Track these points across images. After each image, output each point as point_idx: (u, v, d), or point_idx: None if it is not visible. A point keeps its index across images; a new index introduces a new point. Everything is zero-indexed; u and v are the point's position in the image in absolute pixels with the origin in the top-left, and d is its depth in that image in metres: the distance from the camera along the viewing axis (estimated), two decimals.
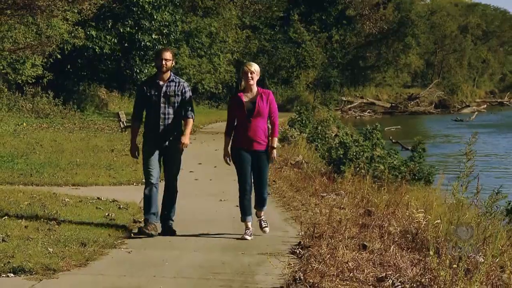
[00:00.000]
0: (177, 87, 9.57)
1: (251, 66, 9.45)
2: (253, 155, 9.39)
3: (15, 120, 24.36)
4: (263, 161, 9.45)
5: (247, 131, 9.33)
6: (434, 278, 7.03)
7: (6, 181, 13.52)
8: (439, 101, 76.66)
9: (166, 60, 9.48)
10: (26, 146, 18.62)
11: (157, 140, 9.57)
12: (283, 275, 7.55)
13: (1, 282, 7.16)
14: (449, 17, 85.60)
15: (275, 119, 9.56)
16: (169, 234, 9.54)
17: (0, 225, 9.54)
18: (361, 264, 7.74)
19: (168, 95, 9.50)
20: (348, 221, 10.02)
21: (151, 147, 9.59)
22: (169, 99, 9.51)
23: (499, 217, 10.01)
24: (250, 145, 9.36)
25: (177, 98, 9.54)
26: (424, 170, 18.45)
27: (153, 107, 9.55)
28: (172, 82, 9.59)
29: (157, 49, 9.48)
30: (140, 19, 30.15)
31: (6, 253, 7.97)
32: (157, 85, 9.57)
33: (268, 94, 9.50)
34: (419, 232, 9.33)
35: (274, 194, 13.29)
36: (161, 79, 9.58)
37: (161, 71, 9.53)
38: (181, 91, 9.57)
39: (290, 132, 26.16)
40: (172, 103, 9.52)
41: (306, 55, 52.63)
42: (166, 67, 9.50)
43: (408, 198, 12.16)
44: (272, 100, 9.53)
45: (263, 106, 9.35)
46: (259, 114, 9.34)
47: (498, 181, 15.98)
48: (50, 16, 22.63)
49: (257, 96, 9.39)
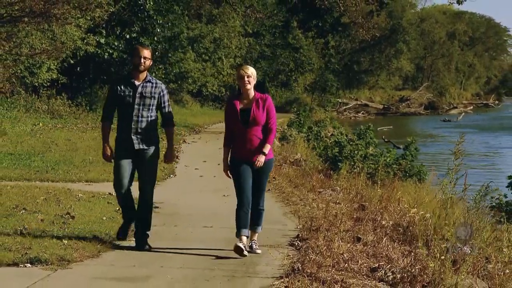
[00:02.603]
0: (154, 88, 8.24)
1: (247, 69, 8.13)
2: (251, 165, 8.10)
3: (32, 121, 24.34)
4: (262, 172, 8.17)
5: (245, 142, 8.04)
6: (424, 268, 7.03)
7: (24, 177, 13.52)
8: (429, 102, 76.63)
9: (144, 58, 8.19)
10: (42, 145, 18.60)
11: (128, 145, 8.17)
12: (282, 265, 7.56)
13: (20, 272, 7.17)
14: (437, 24, 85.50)
15: (273, 125, 8.15)
16: (143, 248, 8.21)
17: (18, 218, 9.55)
18: (356, 256, 7.74)
19: (144, 96, 8.17)
20: (344, 215, 10.02)
21: (121, 154, 8.23)
22: (145, 100, 8.17)
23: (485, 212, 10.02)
24: (249, 156, 8.06)
25: (153, 100, 8.22)
26: (415, 168, 18.45)
27: (125, 109, 8.19)
28: (149, 82, 8.25)
29: (135, 46, 8.86)
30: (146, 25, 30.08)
31: (24, 245, 7.98)
32: (132, 84, 8.21)
33: (266, 100, 8.11)
34: (410, 226, 9.34)
35: (274, 190, 13.29)
36: (136, 79, 8.24)
37: (138, 70, 8.21)
38: (159, 93, 8.27)
39: (289, 131, 26.16)
40: (148, 105, 8.19)
41: (304, 59, 52.62)
42: (144, 66, 8.19)
43: (400, 194, 12.15)
44: (270, 106, 8.13)
45: (259, 113, 8.01)
46: (255, 122, 8.01)
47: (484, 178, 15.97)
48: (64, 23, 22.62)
49: (253, 102, 8.07)
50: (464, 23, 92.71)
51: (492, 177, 16.70)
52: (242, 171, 8.11)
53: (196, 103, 44.17)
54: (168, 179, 14.60)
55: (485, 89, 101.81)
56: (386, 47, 71.07)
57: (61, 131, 22.92)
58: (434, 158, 30.13)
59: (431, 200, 11.84)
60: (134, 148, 8.16)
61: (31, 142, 19.14)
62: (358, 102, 68.10)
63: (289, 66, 52.57)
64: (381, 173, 15.16)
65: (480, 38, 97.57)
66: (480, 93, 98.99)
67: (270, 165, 8.36)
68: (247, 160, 8.09)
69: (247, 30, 46.53)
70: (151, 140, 8.24)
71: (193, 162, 17.21)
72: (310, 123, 29.32)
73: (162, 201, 11.52)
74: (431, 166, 20.12)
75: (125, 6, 28.95)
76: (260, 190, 8.29)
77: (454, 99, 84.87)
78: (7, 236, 8.50)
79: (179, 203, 11.66)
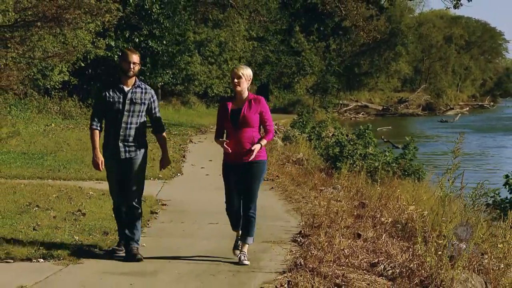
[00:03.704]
0: (144, 94, 7.60)
1: (239, 70, 7.45)
2: (243, 167, 7.42)
3: (44, 121, 24.39)
4: (253, 174, 7.42)
5: (235, 144, 7.38)
6: (422, 263, 7.03)
7: (37, 176, 13.55)
8: (426, 104, 76.56)
9: (134, 63, 7.56)
10: (54, 144, 18.64)
11: (118, 153, 7.57)
12: (285, 260, 7.57)
13: (33, 267, 7.19)
14: (435, 28, 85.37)
15: (270, 127, 7.53)
16: (133, 259, 7.49)
17: (32, 215, 9.57)
18: (356, 251, 7.75)
19: (133, 102, 7.52)
20: (344, 212, 10.02)
21: (112, 160, 7.63)
22: (134, 107, 7.53)
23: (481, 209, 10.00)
24: (240, 157, 7.38)
25: (143, 106, 7.59)
26: (413, 167, 18.42)
27: (114, 115, 7.54)
28: (138, 88, 7.61)
29: (123, 50, 7.99)
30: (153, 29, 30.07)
31: (37, 241, 8.00)
32: (121, 90, 7.56)
33: (259, 101, 7.45)
34: (408, 222, 9.33)
35: (277, 187, 13.30)
36: (125, 84, 7.60)
37: (127, 75, 7.57)
38: (149, 99, 7.63)
39: (292, 132, 26.16)
40: (137, 111, 7.55)
41: (306, 62, 52.69)
42: (133, 71, 7.56)
43: (399, 192, 12.15)
44: (264, 107, 7.47)
45: (250, 114, 7.36)
46: (246, 123, 7.35)
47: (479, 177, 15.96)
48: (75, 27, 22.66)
49: (245, 103, 7.44)
50: (460, 27, 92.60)
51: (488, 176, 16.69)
52: (232, 177, 7.50)
53: (202, 104, 44.24)
54: (175, 177, 14.61)
55: (481, 91, 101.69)
56: (385, 50, 71.11)
57: (73, 131, 22.97)
58: (431, 157, 30.09)
59: (429, 198, 11.83)
60: (120, 155, 7.56)
61: (44, 142, 19.18)
62: (358, 103, 68.09)
63: (292, 69, 52.61)
64: (380, 171, 15.15)
65: (476, 42, 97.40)
66: (476, 94, 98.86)
67: (262, 167, 7.54)
68: (238, 163, 7.42)
69: (251, 34, 46.60)
70: (139, 146, 7.61)
71: (199, 161, 17.22)
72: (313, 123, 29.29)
73: (170, 199, 11.54)
74: (428, 165, 20.10)
75: (133, 10, 28.98)
76: (251, 195, 7.51)
77: (451, 100, 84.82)
78: (20, 232, 8.52)
79: (186, 201, 11.66)
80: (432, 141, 41.77)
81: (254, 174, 7.44)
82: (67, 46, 24.42)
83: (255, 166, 7.44)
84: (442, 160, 26.58)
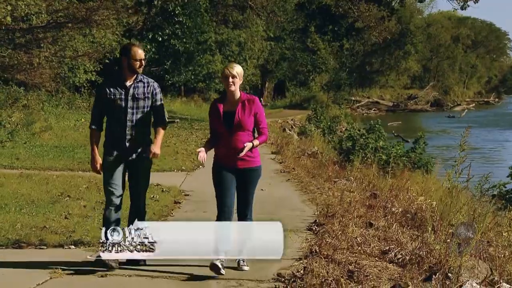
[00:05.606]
0: (147, 88, 6.76)
1: (232, 68, 6.61)
2: (237, 173, 6.63)
3: (74, 117, 24.49)
4: (249, 180, 6.65)
5: (229, 147, 6.54)
6: (431, 251, 7.00)
7: (68, 167, 13.62)
8: (434, 100, 76.10)
9: (142, 60, 6.75)
10: (84, 138, 18.71)
11: (123, 153, 6.73)
12: (301, 248, 7.55)
13: (65, 252, 7.23)
14: (443, 28, 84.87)
15: (264, 129, 6.72)
16: (136, 263, 6.73)
17: (63, 204, 9.62)
18: (368, 239, 7.72)
19: (136, 97, 6.71)
20: (357, 202, 9.99)
21: (114, 160, 6.75)
22: (138, 102, 6.71)
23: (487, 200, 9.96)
24: (233, 163, 6.58)
25: (147, 101, 6.74)
26: (423, 160, 18.34)
27: (117, 113, 6.70)
28: (140, 82, 6.78)
29: (129, 46, 6.75)
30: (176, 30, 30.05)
31: (68, 228, 8.05)
32: (122, 86, 6.73)
33: (253, 101, 6.63)
34: (418, 212, 9.29)
35: (293, 179, 13.28)
36: (126, 79, 6.77)
37: (134, 72, 6.75)
38: (152, 93, 6.77)
39: (308, 127, 26.13)
40: (142, 107, 6.73)
41: (320, 61, 52.55)
42: (141, 68, 6.79)
43: (409, 183, 12.10)
44: (258, 108, 6.65)
45: (244, 116, 6.55)
46: (240, 126, 6.53)
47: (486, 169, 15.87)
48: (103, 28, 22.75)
49: (239, 104, 6.62)
50: (467, 27, 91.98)
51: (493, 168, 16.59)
52: (224, 179, 6.60)
53: None
54: (197, 170, 14.63)
55: (486, 88, 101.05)
56: (396, 50, 70.69)
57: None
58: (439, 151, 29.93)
59: (438, 189, 11.78)
60: (128, 155, 6.74)
61: (74, 136, 19.27)
62: (370, 100, 67.81)
63: (307, 67, 52.52)
64: (391, 164, 15.10)
65: (482, 42, 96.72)
66: (482, 91, 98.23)
67: (258, 173, 6.76)
68: (231, 168, 6.61)
69: (269, 34, 46.59)
70: (145, 145, 6.77)
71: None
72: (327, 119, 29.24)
73: (192, 190, 11.57)
74: (436, 158, 20.00)
75: (158, 11, 29.03)
76: (247, 200, 6.73)
77: (457, 97, 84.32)
78: (53, 220, 8.58)
79: (208, 192, 11.58)
80: (440, 136, 41.54)
81: (250, 180, 6.69)
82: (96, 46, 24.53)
83: (250, 174, 6.68)
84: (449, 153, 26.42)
